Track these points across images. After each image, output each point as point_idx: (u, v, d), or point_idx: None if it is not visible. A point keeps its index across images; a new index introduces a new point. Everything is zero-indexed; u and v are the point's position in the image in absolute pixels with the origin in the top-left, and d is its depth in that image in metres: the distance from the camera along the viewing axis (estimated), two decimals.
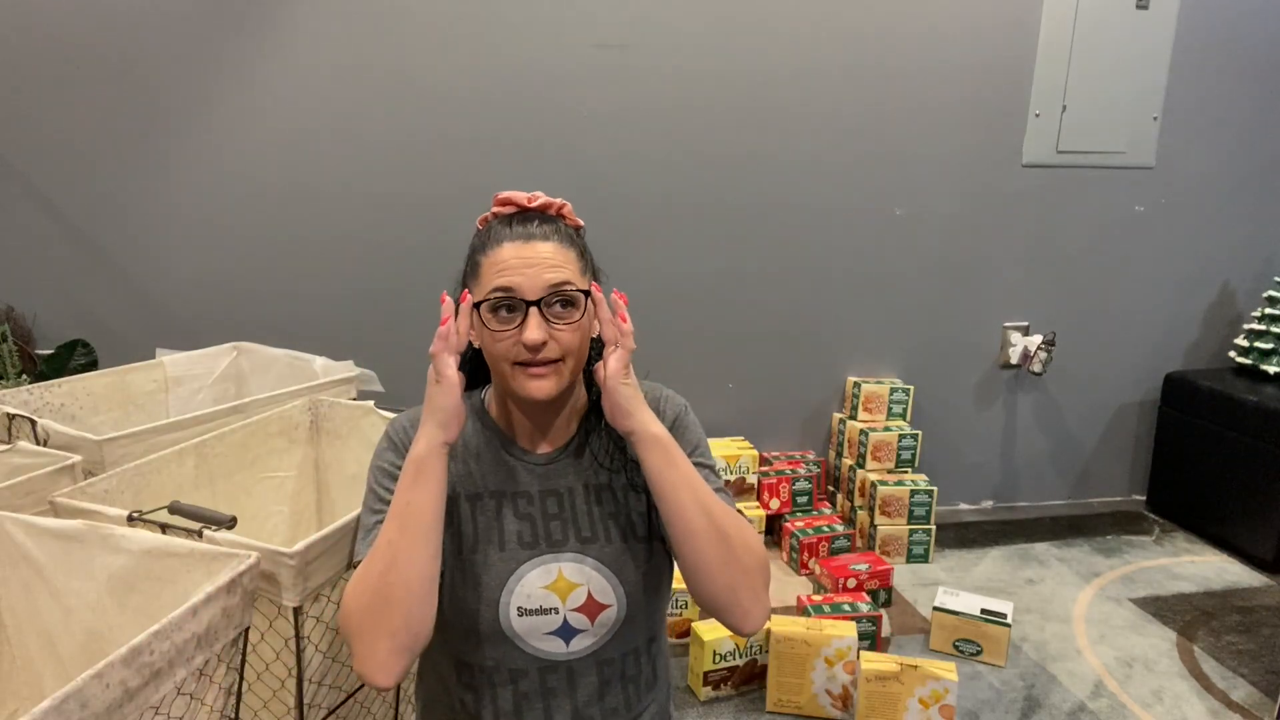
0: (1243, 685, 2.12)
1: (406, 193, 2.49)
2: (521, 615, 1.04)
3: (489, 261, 1.01)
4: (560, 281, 0.99)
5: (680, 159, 2.63)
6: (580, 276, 1.03)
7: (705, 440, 1.14)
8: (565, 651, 1.05)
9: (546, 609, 1.04)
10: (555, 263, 1.00)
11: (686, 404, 1.14)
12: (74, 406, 1.62)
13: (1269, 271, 3.07)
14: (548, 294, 0.99)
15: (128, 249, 2.40)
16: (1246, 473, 2.74)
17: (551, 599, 1.04)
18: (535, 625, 1.04)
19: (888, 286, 2.85)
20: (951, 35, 2.69)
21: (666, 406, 1.12)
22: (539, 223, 1.03)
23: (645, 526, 1.10)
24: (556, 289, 0.99)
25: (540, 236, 1.01)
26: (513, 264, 0.99)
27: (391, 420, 1.12)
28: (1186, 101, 2.88)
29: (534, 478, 1.08)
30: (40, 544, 1.06)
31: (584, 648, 1.06)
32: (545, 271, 0.99)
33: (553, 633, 1.05)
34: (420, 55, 2.42)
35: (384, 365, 1.92)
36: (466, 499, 1.07)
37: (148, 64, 2.30)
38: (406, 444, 1.05)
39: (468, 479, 1.08)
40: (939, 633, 2.22)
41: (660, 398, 1.13)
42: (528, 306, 0.98)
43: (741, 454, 2.67)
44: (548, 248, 1.01)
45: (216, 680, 0.96)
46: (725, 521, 0.99)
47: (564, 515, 1.07)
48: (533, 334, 0.97)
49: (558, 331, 0.99)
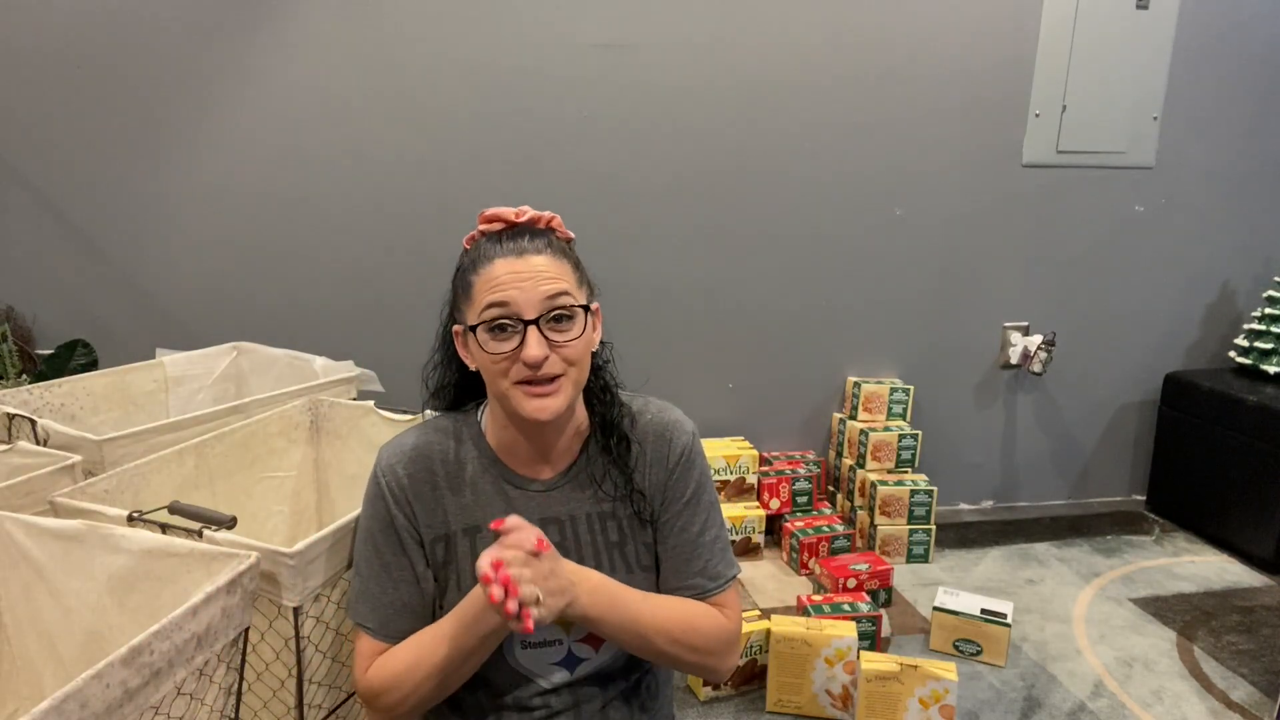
0: (1243, 685, 2.12)
1: (406, 193, 2.49)
2: (526, 648, 1.03)
3: (481, 280, 0.97)
4: (557, 293, 0.96)
5: (680, 159, 2.63)
6: (577, 289, 1.00)
7: (709, 472, 1.12)
8: (570, 678, 1.05)
9: (550, 641, 1.04)
10: (551, 275, 0.97)
11: (695, 431, 1.12)
12: (74, 406, 1.62)
13: (1269, 271, 3.07)
14: (545, 310, 0.96)
15: (128, 249, 2.40)
16: (1246, 473, 2.74)
17: (555, 630, 1.04)
18: (540, 656, 1.03)
19: (888, 286, 2.86)
20: (951, 36, 2.69)
21: (675, 437, 1.09)
22: (530, 237, 0.99)
23: (650, 556, 1.09)
24: (554, 302, 0.96)
25: (533, 250, 0.98)
26: (506, 280, 0.96)
27: (379, 454, 1.07)
28: (1186, 101, 2.88)
29: (534, 506, 1.05)
30: (40, 544, 1.06)
31: (589, 673, 1.06)
32: (541, 284, 0.96)
33: (557, 663, 1.04)
34: (420, 59, 2.42)
35: (384, 365, 1.92)
36: (464, 534, 1.05)
37: (149, 65, 2.30)
38: (398, 491, 1.03)
39: (464, 513, 1.05)
40: (939, 633, 2.22)
41: (668, 426, 1.10)
42: (525, 326, 0.95)
43: (741, 454, 2.67)
44: (541, 260, 0.98)
45: (216, 680, 0.96)
46: (675, 644, 1.03)
47: (566, 545, 1.05)
48: (533, 351, 0.94)
49: (558, 347, 0.97)
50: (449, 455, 1.07)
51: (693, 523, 1.08)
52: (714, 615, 1.07)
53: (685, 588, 1.07)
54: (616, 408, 1.09)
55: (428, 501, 1.05)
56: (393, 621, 1.03)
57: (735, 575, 1.11)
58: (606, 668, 1.06)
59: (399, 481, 1.04)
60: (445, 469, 1.06)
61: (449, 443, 1.08)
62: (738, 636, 1.09)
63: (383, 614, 1.04)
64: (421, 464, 1.05)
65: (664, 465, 1.08)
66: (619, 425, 1.08)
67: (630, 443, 1.08)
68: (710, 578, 1.08)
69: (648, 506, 1.08)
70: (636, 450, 1.08)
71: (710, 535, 1.09)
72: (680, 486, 1.08)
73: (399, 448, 1.07)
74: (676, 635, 1.02)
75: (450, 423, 1.10)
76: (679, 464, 1.08)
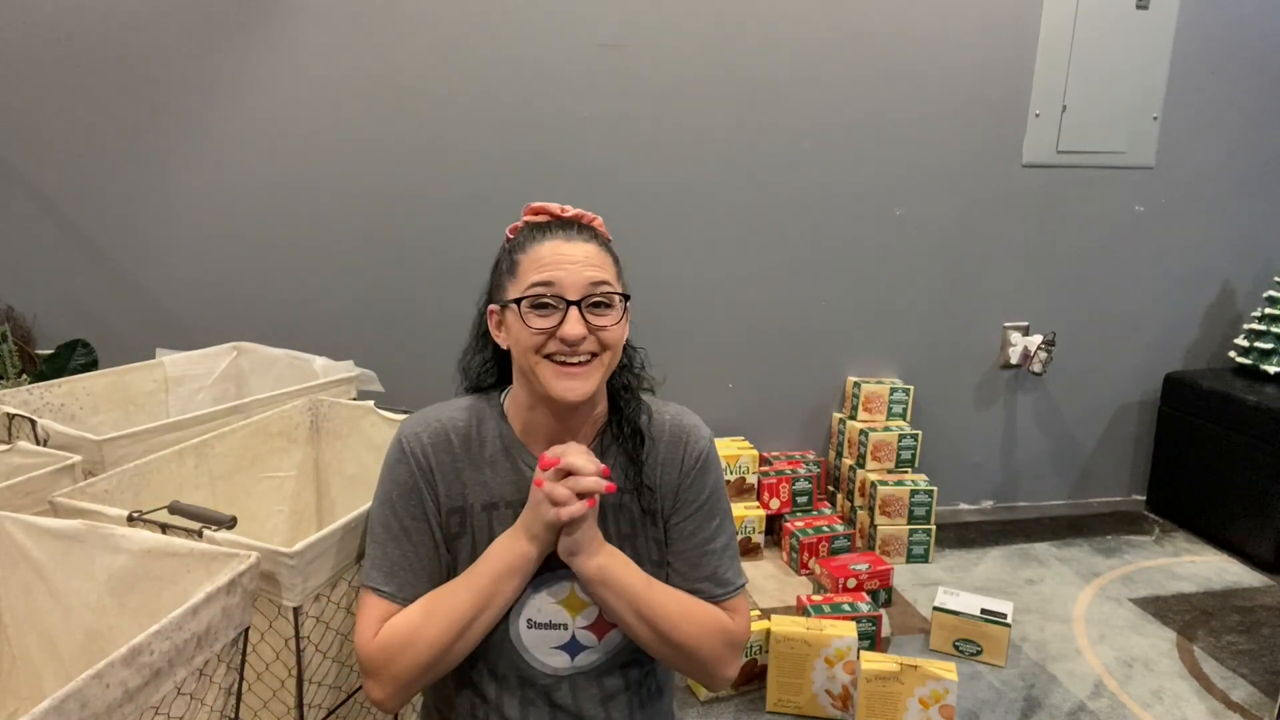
0: (1243, 685, 2.12)
1: (406, 193, 2.49)
2: (531, 627, 1.04)
3: (528, 259, 1.02)
4: (600, 280, 1.01)
5: (680, 159, 2.63)
6: (617, 281, 1.04)
7: (723, 481, 1.15)
8: (570, 666, 1.06)
9: (556, 624, 1.04)
10: (595, 263, 1.02)
11: (711, 438, 1.14)
12: (74, 406, 1.62)
13: (1269, 271, 3.07)
14: (588, 293, 1.00)
15: (128, 249, 2.40)
16: (1246, 473, 2.74)
17: (562, 614, 1.05)
18: (543, 638, 1.04)
19: (888, 286, 2.85)
20: (951, 35, 2.69)
21: (692, 441, 1.11)
22: (578, 229, 1.05)
23: (659, 552, 1.10)
24: (597, 288, 1.00)
25: (581, 239, 1.03)
26: (553, 260, 1.00)
27: (402, 425, 1.10)
28: (1186, 101, 2.88)
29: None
30: (40, 544, 1.06)
31: (589, 663, 1.06)
32: (586, 269, 1.00)
33: (559, 647, 1.05)
34: (420, 57, 2.42)
35: (384, 365, 1.91)
36: (482, 509, 1.06)
37: (149, 64, 2.30)
38: (421, 457, 1.05)
39: (483, 488, 1.07)
40: (939, 633, 2.22)
41: (685, 429, 1.12)
42: (568, 305, 0.99)
43: (741, 454, 2.67)
44: (589, 248, 1.03)
45: (216, 680, 0.96)
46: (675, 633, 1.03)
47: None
48: (573, 328, 0.98)
49: (596, 330, 1.00)
50: (470, 432, 1.09)
51: (704, 528, 1.10)
52: (722, 617, 1.08)
53: (692, 592, 1.08)
54: (636, 402, 1.11)
55: (448, 472, 1.06)
56: (410, 585, 1.04)
57: (743, 585, 1.12)
58: (607, 663, 1.07)
59: (423, 448, 1.06)
60: (466, 444, 1.08)
61: (471, 420, 1.10)
62: (742, 642, 1.10)
63: (401, 577, 1.05)
64: (444, 436, 1.08)
65: (677, 467, 1.10)
66: (634, 419, 1.10)
67: (643, 437, 1.09)
68: (718, 584, 1.09)
69: (655, 503, 1.09)
70: (649, 446, 1.10)
71: (721, 543, 1.11)
72: (694, 491, 1.10)
73: (423, 419, 1.09)
74: (681, 624, 1.03)
75: (473, 401, 1.13)
76: (695, 468, 1.10)
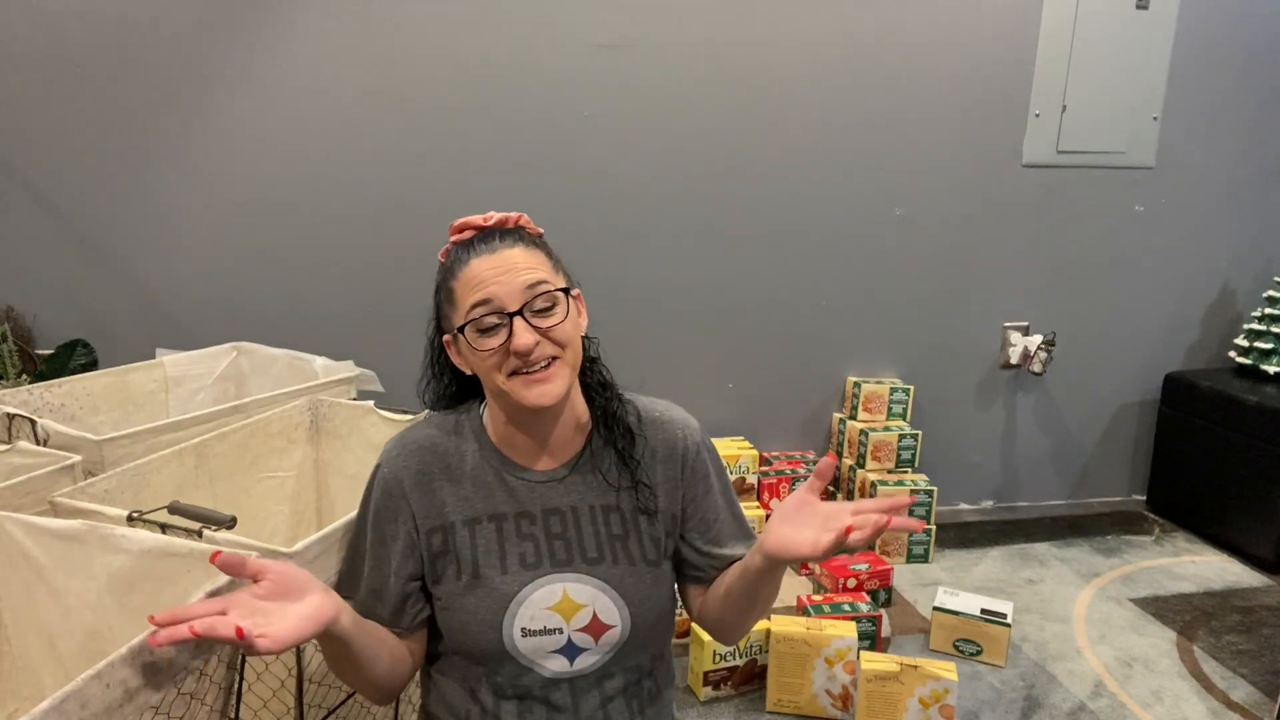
0: (1243, 685, 2.12)
1: (406, 193, 2.49)
2: (525, 636, 1.03)
3: (461, 283, 1.01)
4: (536, 281, 1.00)
5: (680, 159, 2.63)
6: (554, 276, 1.03)
7: (724, 465, 1.17)
8: (569, 670, 1.05)
9: (550, 629, 1.04)
10: (527, 265, 1.00)
11: (701, 428, 1.16)
12: (74, 406, 1.62)
13: (1269, 271, 3.07)
14: (527, 299, 0.99)
15: (128, 249, 2.40)
16: (1246, 473, 2.74)
17: (555, 619, 1.04)
18: (539, 645, 1.04)
19: (888, 286, 2.85)
20: (951, 36, 2.69)
21: (685, 434, 1.12)
22: (500, 236, 1.03)
23: (656, 551, 1.09)
24: (534, 291, 0.99)
25: (505, 246, 1.02)
26: (486, 276, 0.99)
27: (384, 448, 1.10)
28: (1186, 101, 2.88)
29: (536, 496, 1.07)
30: (40, 544, 1.06)
31: (588, 666, 1.06)
32: (519, 275, 0.99)
33: (557, 651, 1.04)
34: (421, 58, 2.42)
35: (384, 365, 1.92)
36: (463, 524, 1.06)
37: (149, 65, 2.30)
38: (394, 485, 1.07)
39: (464, 504, 1.06)
40: (939, 633, 2.22)
41: (675, 422, 1.13)
42: (511, 318, 0.98)
43: (741, 454, 2.67)
44: (516, 253, 1.01)
45: (216, 680, 0.96)
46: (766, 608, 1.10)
47: (568, 535, 1.06)
48: (521, 339, 0.97)
49: (545, 332, 0.99)
50: (449, 449, 1.09)
51: (726, 496, 1.15)
52: None
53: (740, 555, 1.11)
54: (616, 400, 1.11)
55: (425, 494, 1.06)
56: (365, 602, 1.07)
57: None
58: (606, 666, 1.06)
59: (397, 475, 1.06)
60: (445, 462, 1.08)
61: (450, 437, 1.10)
62: None
63: (347, 590, 1.09)
64: (422, 457, 1.08)
65: (676, 461, 1.11)
66: (622, 418, 1.10)
67: (635, 436, 1.09)
68: (751, 537, 1.15)
69: (653, 500, 1.08)
70: (641, 443, 1.10)
71: (737, 504, 1.17)
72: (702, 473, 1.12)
73: (401, 443, 1.09)
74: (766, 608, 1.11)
75: (452, 417, 1.12)
76: (695, 457, 1.12)
